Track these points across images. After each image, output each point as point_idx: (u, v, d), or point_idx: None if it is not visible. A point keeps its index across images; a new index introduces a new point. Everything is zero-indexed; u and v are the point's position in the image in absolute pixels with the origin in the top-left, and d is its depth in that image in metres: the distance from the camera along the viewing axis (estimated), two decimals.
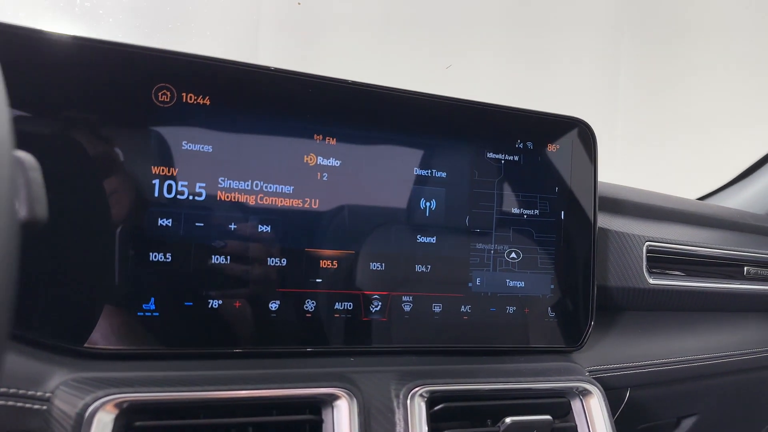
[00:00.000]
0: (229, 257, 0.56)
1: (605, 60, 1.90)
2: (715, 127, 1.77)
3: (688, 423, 0.96)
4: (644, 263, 0.81)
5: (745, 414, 1.08)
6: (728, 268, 0.94)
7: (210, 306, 0.56)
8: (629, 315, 0.84)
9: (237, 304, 0.57)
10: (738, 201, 1.26)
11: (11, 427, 0.47)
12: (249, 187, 0.58)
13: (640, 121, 1.90)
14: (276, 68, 0.59)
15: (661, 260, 0.85)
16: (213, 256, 0.56)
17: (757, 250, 0.98)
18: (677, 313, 0.90)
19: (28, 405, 0.47)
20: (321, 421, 0.54)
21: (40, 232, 0.33)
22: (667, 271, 0.86)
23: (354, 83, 0.62)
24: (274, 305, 0.58)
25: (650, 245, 0.83)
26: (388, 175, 0.63)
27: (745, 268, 0.96)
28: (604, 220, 0.81)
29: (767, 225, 1.08)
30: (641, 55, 1.91)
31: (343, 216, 0.61)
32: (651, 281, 0.82)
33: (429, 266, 0.65)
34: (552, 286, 0.70)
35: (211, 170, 0.56)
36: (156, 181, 0.54)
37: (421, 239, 0.64)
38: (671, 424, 0.96)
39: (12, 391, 0.46)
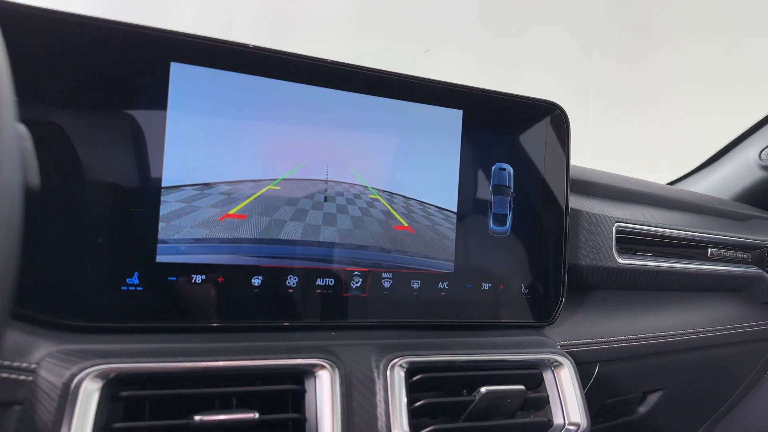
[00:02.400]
0: (213, 233, 0.57)
1: (579, 40, 1.93)
2: (685, 108, 1.82)
3: (653, 398, 1.00)
4: (613, 243, 0.84)
5: (707, 389, 1.13)
6: (693, 249, 0.98)
7: (193, 281, 0.57)
8: (599, 293, 0.87)
9: (220, 280, 0.58)
10: (704, 186, 1.31)
11: None
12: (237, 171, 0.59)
13: (612, 101, 1.94)
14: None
15: (630, 241, 0.88)
16: (197, 232, 0.57)
17: (720, 233, 1.02)
18: (644, 291, 0.93)
19: (13, 376, 0.47)
20: (303, 391, 0.55)
21: (28, 206, 0.34)
22: (636, 252, 0.89)
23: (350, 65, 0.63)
24: (257, 281, 0.59)
25: (619, 226, 0.86)
26: (371, 154, 0.65)
27: (709, 250, 1.00)
28: (576, 202, 0.83)
29: (731, 209, 1.12)
30: (614, 35, 1.95)
31: (326, 193, 0.62)
32: (620, 260, 0.85)
33: (408, 243, 0.66)
34: (526, 264, 0.73)
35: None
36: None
37: (403, 216, 0.66)
38: (637, 398, 1.00)
39: None
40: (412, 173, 0.67)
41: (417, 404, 0.59)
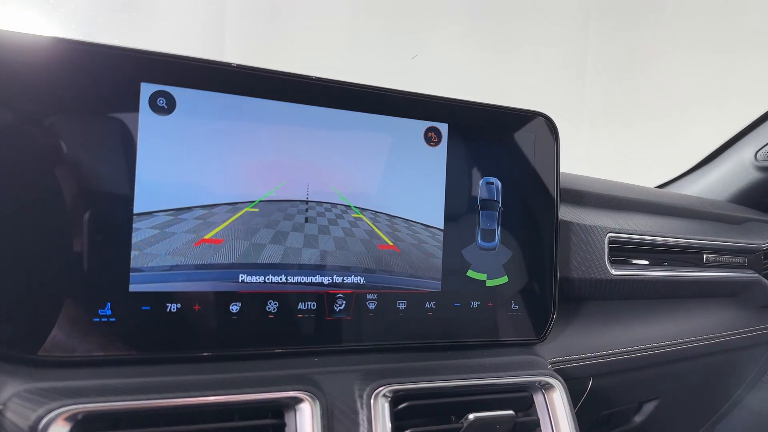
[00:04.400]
0: (188, 259, 0.55)
1: (572, 45, 1.91)
2: (680, 113, 1.80)
3: (649, 407, 0.99)
4: (606, 254, 0.82)
5: (703, 395, 1.11)
6: (688, 255, 0.96)
7: (168, 310, 0.55)
8: (592, 305, 0.85)
9: (196, 308, 0.56)
10: (699, 187, 1.29)
11: None
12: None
13: (607, 106, 1.92)
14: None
15: (623, 250, 0.86)
16: (171, 259, 0.55)
17: (715, 238, 1.00)
18: (639, 301, 0.91)
19: None
20: (284, 425, 0.53)
21: None
22: (629, 261, 0.87)
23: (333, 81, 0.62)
24: (234, 307, 0.57)
25: (612, 236, 0.84)
26: (353, 172, 0.63)
27: (705, 256, 0.98)
28: (567, 212, 0.81)
29: (726, 212, 1.11)
30: (608, 40, 1.93)
31: (307, 214, 0.60)
32: (613, 272, 0.83)
33: (394, 263, 0.64)
34: (515, 281, 0.71)
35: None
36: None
37: (387, 235, 0.64)
38: (633, 408, 0.99)
39: None
40: (397, 190, 0.65)
41: None
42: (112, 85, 0.53)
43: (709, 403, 1.14)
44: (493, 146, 0.70)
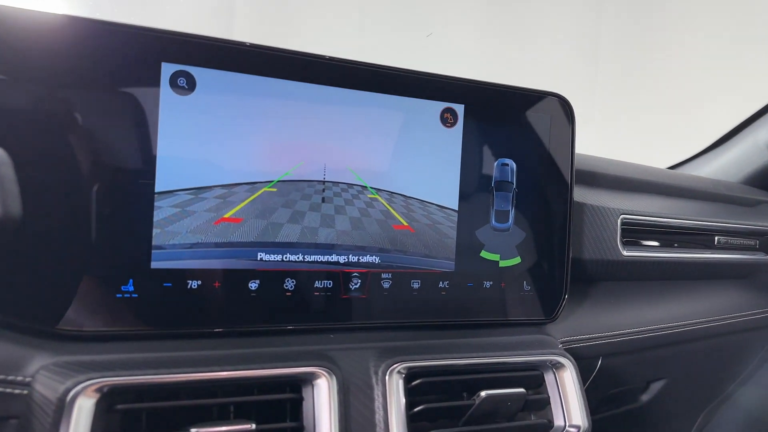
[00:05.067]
0: (208, 237, 0.56)
1: (585, 28, 1.89)
2: (693, 96, 1.78)
3: (656, 386, 1.00)
4: (618, 236, 0.83)
5: (710, 376, 1.13)
6: (700, 237, 0.97)
7: (189, 287, 0.56)
8: (602, 285, 0.86)
9: (216, 284, 0.57)
10: (712, 169, 1.28)
11: None
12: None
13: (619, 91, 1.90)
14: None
15: (635, 232, 0.87)
16: (192, 237, 0.56)
17: (727, 220, 1.00)
18: (649, 282, 0.92)
19: (8, 390, 0.47)
20: (301, 399, 0.55)
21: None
22: (641, 243, 0.88)
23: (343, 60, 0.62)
24: (253, 284, 0.58)
25: (625, 218, 0.84)
26: (369, 153, 0.63)
27: (716, 238, 0.98)
28: (580, 194, 0.81)
29: (738, 195, 1.10)
30: (621, 24, 1.90)
31: (324, 194, 0.61)
32: (625, 253, 0.83)
33: (408, 243, 0.65)
34: (528, 261, 0.72)
35: None
36: None
37: (402, 216, 0.65)
38: (640, 387, 1.00)
39: None
40: (412, 171, 0.65)
41: (416, 409, 0.58)
42: (134, 64, 0.53)
43: (715, 383, 1.16)
44: (509, 127, 0.70)
